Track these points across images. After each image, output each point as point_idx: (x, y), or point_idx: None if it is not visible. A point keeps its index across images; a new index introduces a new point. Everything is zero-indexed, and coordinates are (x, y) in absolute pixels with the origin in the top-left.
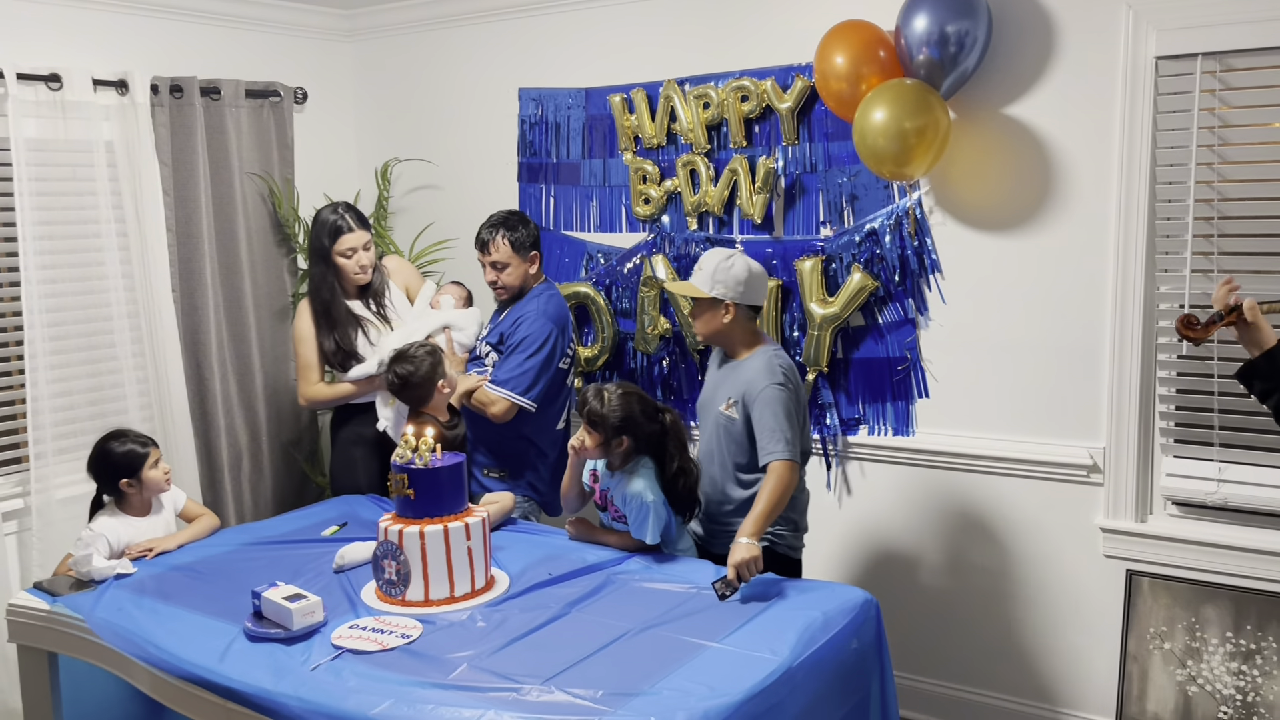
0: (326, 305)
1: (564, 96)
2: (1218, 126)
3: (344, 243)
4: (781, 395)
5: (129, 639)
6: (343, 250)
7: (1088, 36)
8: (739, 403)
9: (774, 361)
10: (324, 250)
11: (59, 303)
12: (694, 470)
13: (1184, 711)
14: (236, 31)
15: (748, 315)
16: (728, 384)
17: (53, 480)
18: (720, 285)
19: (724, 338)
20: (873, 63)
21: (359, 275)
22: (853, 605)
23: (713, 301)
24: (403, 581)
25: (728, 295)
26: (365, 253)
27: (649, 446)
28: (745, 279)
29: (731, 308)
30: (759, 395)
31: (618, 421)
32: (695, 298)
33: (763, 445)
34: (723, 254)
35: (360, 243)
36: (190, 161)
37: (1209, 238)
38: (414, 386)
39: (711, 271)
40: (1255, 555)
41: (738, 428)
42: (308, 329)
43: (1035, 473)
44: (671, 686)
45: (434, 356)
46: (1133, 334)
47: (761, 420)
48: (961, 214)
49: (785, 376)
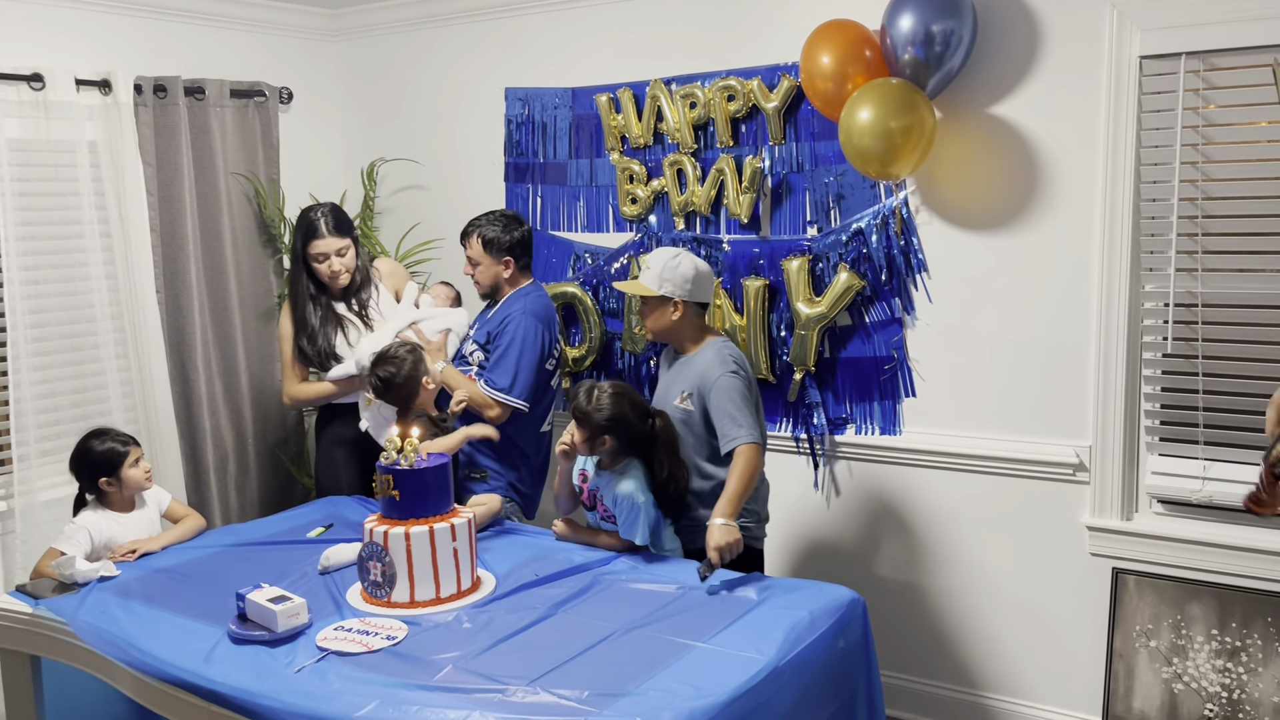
0: (303, 309)
1: (550, 96)
2: (1202, 126)
3: (315, 247)
4: (737, 382)
5: (112, 642)
6: (314, 254)
7: (1072, 36)
8: (694, 394)
9: (724, 351)
10: (296, 256)
11: (42, 304)
12: (684, 476)
13: (1170, 709)
14: (221, 31)
15: (695, 312)
16: (680, 379)
17: (36, 482)
18: (669, 284)
19: (672, 334)
20: (858, 62)
21: (331, 281)
22: (839, 604)
23: (661, 300)
24: (388, 583)
25: (676, 293)
26: (339, 259)
27: (636, 449)
28: (693, 277)
29: (680, 305)
30: (714, 384)
31: (603, 421)
32: (644, 296)
33: (725, 432)
34: (670, 253)
35: (332, 249)
36: (174, 161)
37: (1193, 236)
38: (398, 387)
39: (660, 270)
40: (1240, 553)
41: (695, 420)
42: (288, 328)
43: (1021, 471)
44: (657, 687)
45: (414, 355)
46: (1118, 333)
47: (720, 408)
48: (947, 213)
49: (737, 365)
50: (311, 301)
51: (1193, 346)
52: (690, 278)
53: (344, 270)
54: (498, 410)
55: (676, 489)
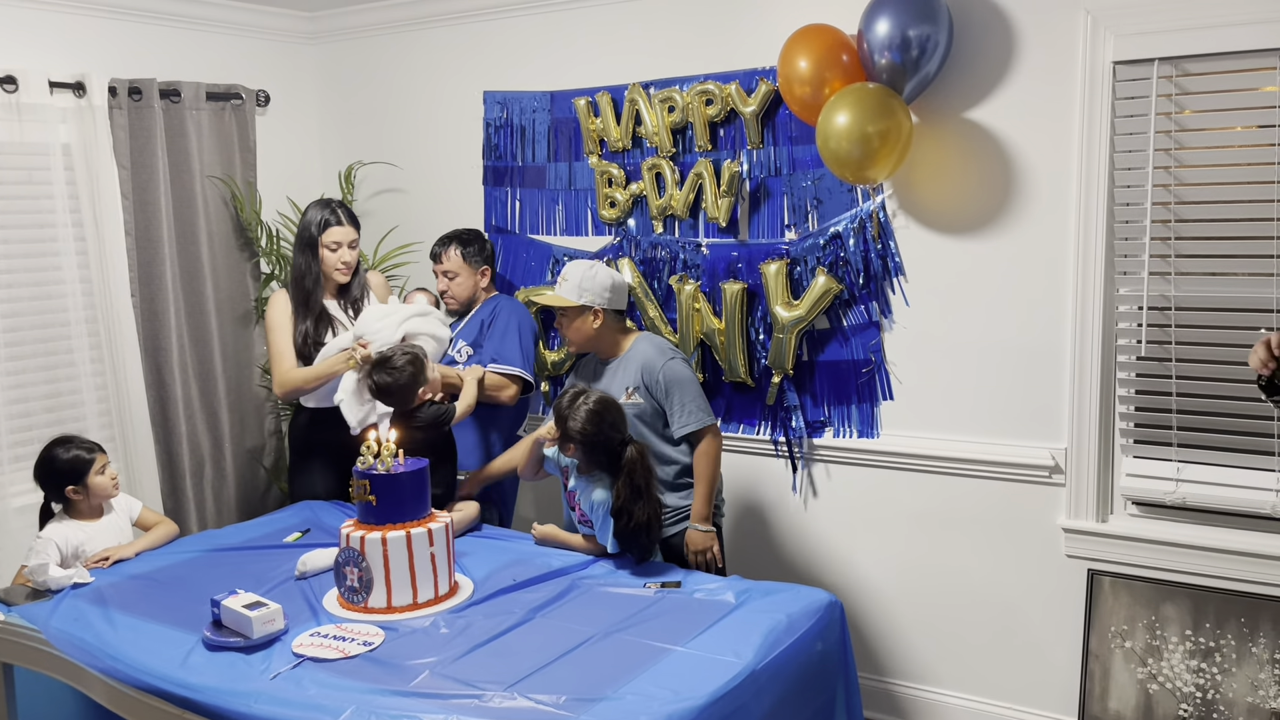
0: (307, 295)
1: (529, 99)
2: (1174, 131)
3: (332, 234)
4: (682, 367)
5: (85, 649)
6: (328, 242)
7: (1046, 41)
8: (640, 387)
9: (657, 341)
10: (311, 239)
11: (14, 308)
12: (642, 514)
13: (1145, 709)
14: (197, 33)
15: (615, 319)
16: (619, 377)
17: (8, 489)
18: (588, 293)
19: (594, 342)
20: (835, 67)
21: (339, 271)
22: (817, 607)
23: (581, 309)
24: (365, 588)
25: (595, 302)
26: (350, 250)
27: (604, 467)
28: (610, 285)
29: (600, 314)
30: (660, 372)
31: (573, 432)
32: (563, 307)
33: (679, 419)
34: (586, 264)
35: (347, 239)
36: (150, 165)
37: (1166, 240)
38: (395, 393)
39: (578, 281)
40: (1213, 554)
41: (647, 411)
42: (284, 316)
43: (998, 474)
44: (635, 691)
45: (415, 364)
46: (1093, 335)
47: (672, 394)
48: (924, 217)
49: (674, 351)
50: (316, 290)
51: (1166, 349)
52: (608, 285)
53: (352, 263)
54: (513, 389)
55: (629, 523)
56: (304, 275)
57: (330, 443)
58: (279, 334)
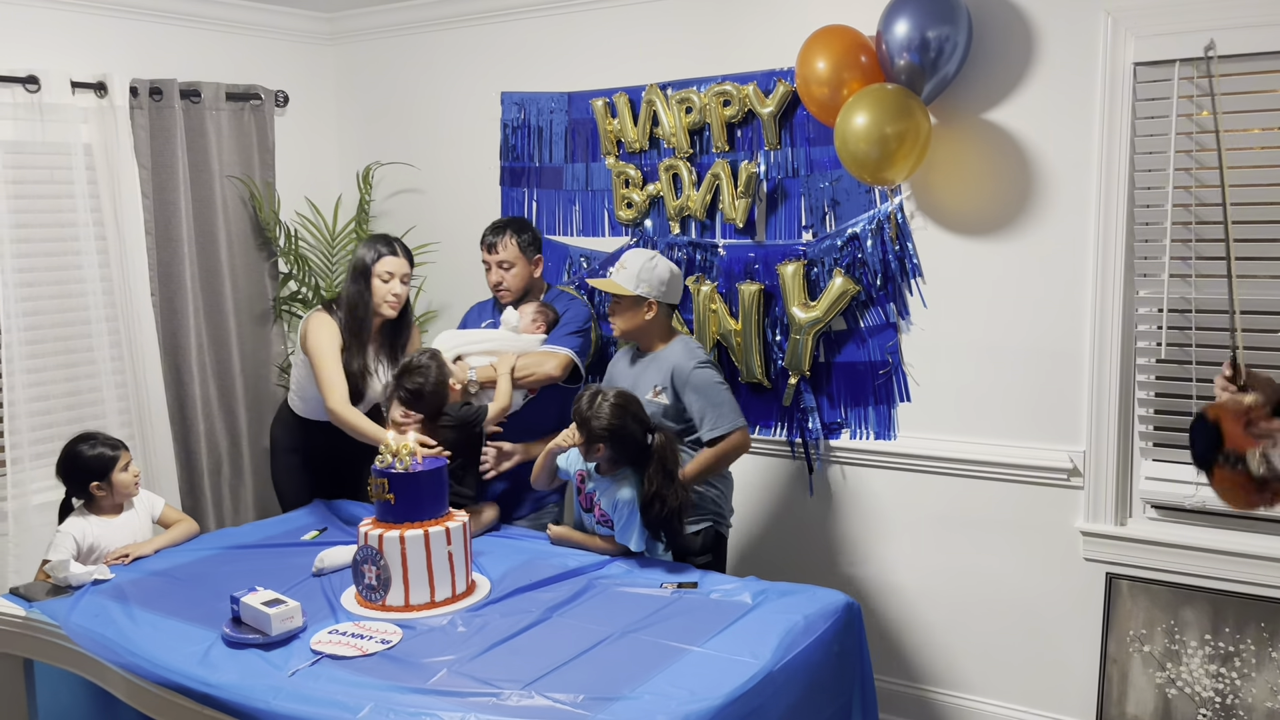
0: (359, 324)
1: (546, 100)
2: (1195, 132)
3: (386, 264)
4: (713, 372)
5: (106, 645)
6: (381, 271)
7: (1067, 42)
8: (667, 388)
9: (691, 346)
10: (365, 268)
11: (36, 306)
12: (675, 499)
13: (1164, 714)
14: (217, 34)
15: (666, 313)
16: (650, 374)
17: (29, 485)
18: (645, 284)
19: (642, 333)
20: (854, 68)
21: (389, 303)
22: (834, 609)
23: (636, 299)
24: (383, 586)
25: (651, 294)
26: (401, 284)
27: (632, 462)
28: (667, 279)
29: (654, 305)
30: (691, 376)
31: (599, 430)
32: (618, 295)
33: (710, 423)
34: (646, 254)
35: (400, 270)
36: (170, 164)
37: (1187, 242)
38: (429, 395)
39: (637, 271)
40: (1233, 558)
41: (670, 412)
42: (332, 342)
43: (1016, 476)
44: (652, 691)
45: (436, 359)
46: (1112, 338)
47: (705, 398)
48: (942, 218)
49: (706, 357)
50: (367, 320)
51: (1187, 352)
52: (665, 280)
53: (401, 297)
54: (557, 359)
55: (662, 509)
56: (356, 304)
57: (307, 445)
58: (329, 360)
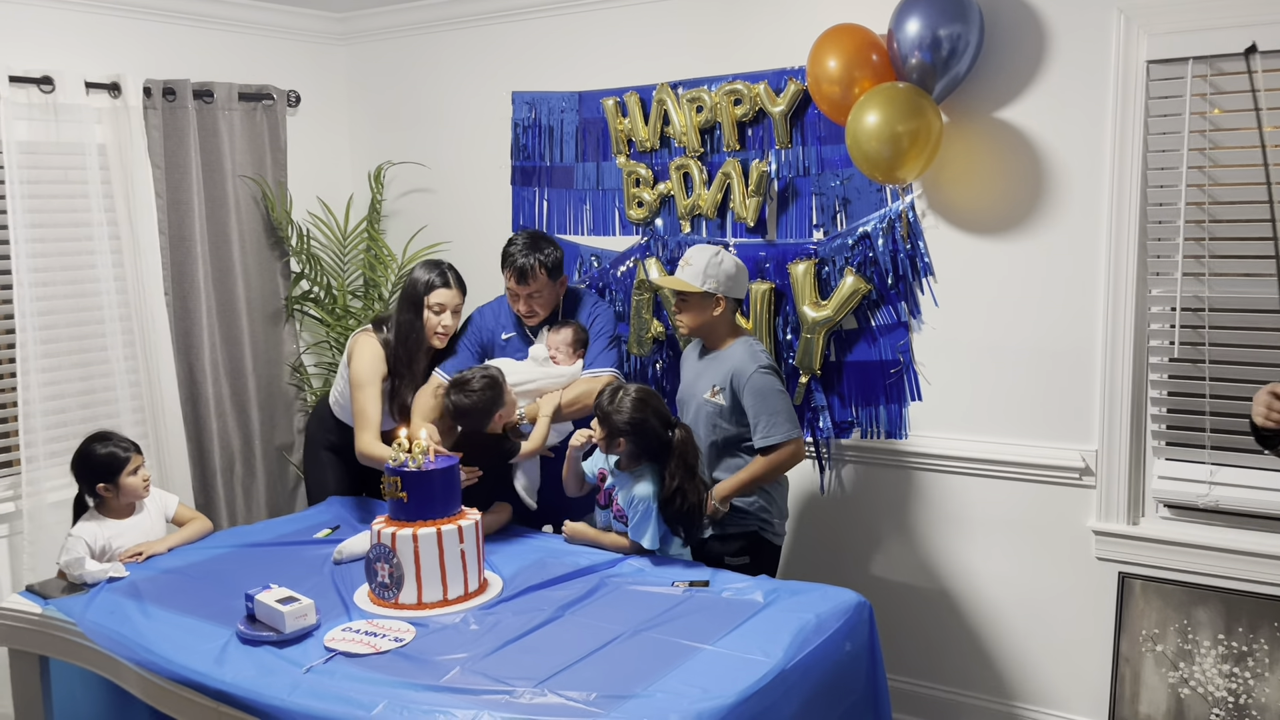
0: (410, 356)
1: (557, 100)
2: (1208, 130)
3: (437, 295)
4: (774, 379)
5: (121, 642)
6: (433, 304)
7: (1079, 41)
8: (725, 389)
9: (755, 348)
10: (417, 299)
11: (50, 305)
12: (696, 494)
13: (1176, 714)
14: (229, 34)
15: (732, 308)
16: (710, 373)
17: (44, 484)
18: (712, 280)
19: (710, 330)
20: (865, 66)
21: (439, 335)
22: (846, 608)
23: (704, 295)
24: (396, 584)
25: (719, 289)
26: (452, 316)
27: (653, 457)
28: (734, 273)
29: (722, 301)
30: (749, 380)
31: (621, 425)
32: (685, 293)
33: (763, 430)
34: (710, 250)
35: (452, 303)
36: (183, 164)
37: (1200, 241)
38: (469, 414)
39: (703, 267)
40: (1246, 557)
41: (726, 413)
42: (374, 371)
43: (1027, 475)
44: (665, 689)
45: (493, 388)
46: (1125, 336)
47: (762, 403)
48: (954, 217)
49: (769, 361)
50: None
51: (1199, 351)
52: (732, 274)
53: (451, 329)
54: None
55: (683, 504)
56: (408, 335)
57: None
58: (369, 392)
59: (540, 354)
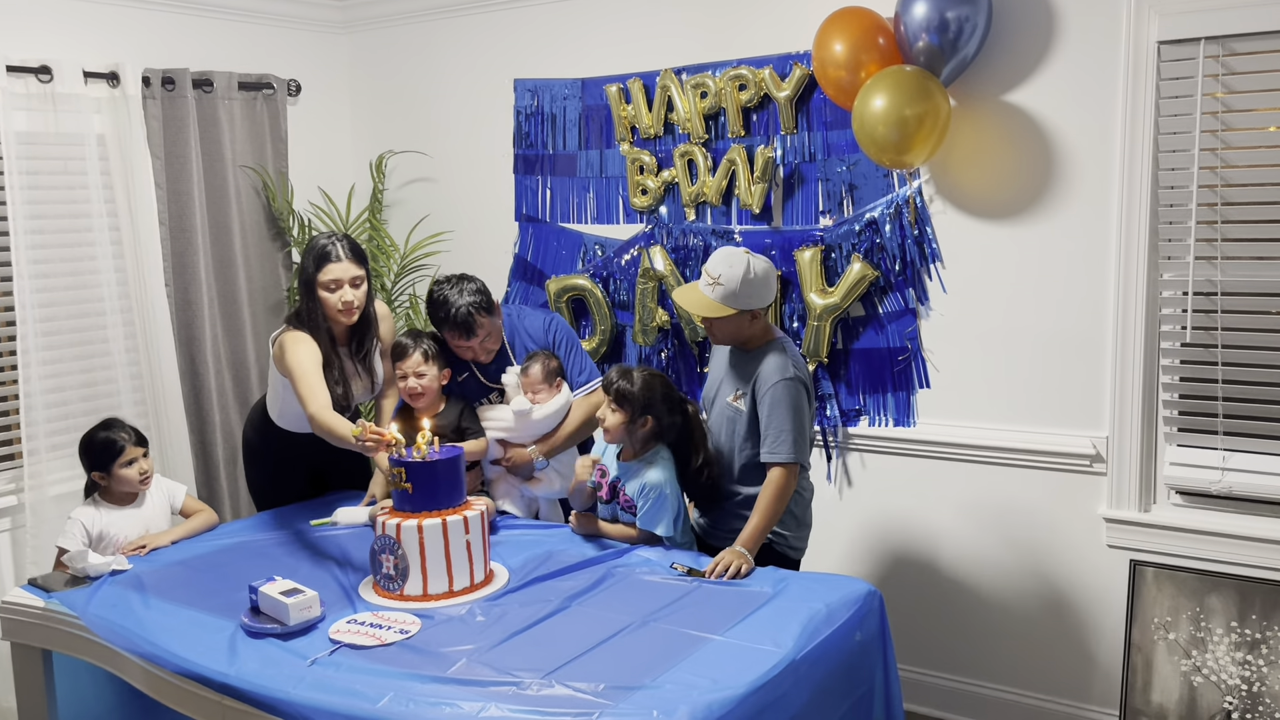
0: (331, 339)
1: (560, 87)
2: (1221, 111)
3: (328, 272)
4: (792, 391)
5: (124, 635)
6: (325, 281)
7: (1089, 22)
8: (747, 395)
9: (786, 358)
10: (308, 280)
11: (50, 297)
12: (717, 461)
13: (1189, 702)
14: (229, 23)
15: (765, 312)
16: (735, 375)
17: (46, 477)
18: (744, 299)
19: (744, 338)
20: (872, 50)
21: (341, 313)
22: (856, 597)
23: (739, 313)
24: (401, 576)
25: (753, 305)
26: (352, 288)
27: (669, 434)
28: (766, 281)
29: (758, 312)
30: (769, 391)
31: (634, 395)
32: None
33: (769, 445)
34: (738, 260)
35: (347, 276)
36: (183, 154)
37: (1212, 224)
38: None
39: (735, 287)
40: (1260, 544)
41: (743, 420)
42: (309, 359)
43: (1038, 463)
44: (674, 680)
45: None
46: (1136, 322)
47: (772, 416)
48: (962, 202)
49: (796, 371)
50: (321, 338)
51: (1212, 335)
52: (764, 282)
53: (356, 303)
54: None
55: (710, 474)
56: (311, 322)
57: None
58: (309, 372)
59: (519, 405)
